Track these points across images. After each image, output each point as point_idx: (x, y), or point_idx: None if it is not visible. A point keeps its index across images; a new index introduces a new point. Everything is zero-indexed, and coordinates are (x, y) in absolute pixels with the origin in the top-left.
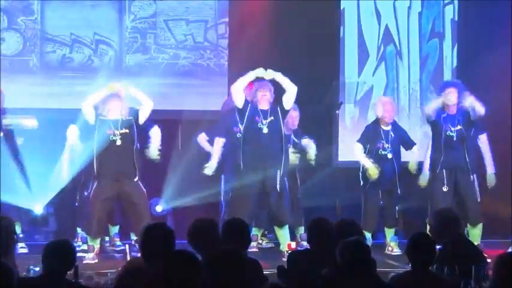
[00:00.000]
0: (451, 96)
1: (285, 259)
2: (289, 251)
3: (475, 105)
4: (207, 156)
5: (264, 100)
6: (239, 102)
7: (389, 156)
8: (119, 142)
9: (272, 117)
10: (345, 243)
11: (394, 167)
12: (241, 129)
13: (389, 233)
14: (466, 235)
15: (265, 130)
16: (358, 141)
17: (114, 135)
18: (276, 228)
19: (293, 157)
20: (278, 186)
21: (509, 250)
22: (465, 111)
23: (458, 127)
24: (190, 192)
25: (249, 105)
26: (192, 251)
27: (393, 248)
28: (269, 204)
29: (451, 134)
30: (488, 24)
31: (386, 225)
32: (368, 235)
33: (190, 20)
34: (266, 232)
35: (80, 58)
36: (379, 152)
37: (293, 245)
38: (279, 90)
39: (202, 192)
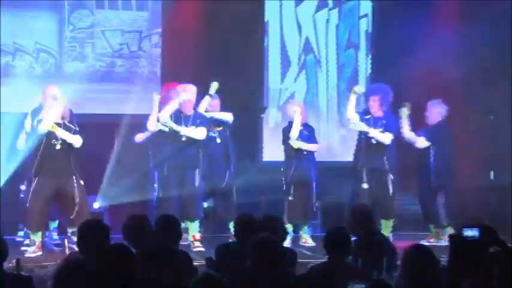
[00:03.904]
0: (373, 104)
1: (193, 249)
2: (194, 242)
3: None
4: (141, 158)
5: (187, 105)
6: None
7: (305, 152)
8: (58, 146)
9: (197, 122)
10: (252, 242)
11: (311, 162)
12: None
13: (304, 226)
14: (378, 229)
15: (183, 138)
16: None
17: (56, 139)
18: (188, 221)
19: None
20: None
21: (422, 242)
22: (393, 115)
23: (379, 130)
24: (125, 190)
25: (172, 116)
26: (127, 245)
27: (306, 240)
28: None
29: (370, 135)
30: (399, 36)
31: (303, 218)
32: (290, 229)
33: (126, 31)
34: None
35: (22, 65)
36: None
37: (197, 236)
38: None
39: (136, 191)
